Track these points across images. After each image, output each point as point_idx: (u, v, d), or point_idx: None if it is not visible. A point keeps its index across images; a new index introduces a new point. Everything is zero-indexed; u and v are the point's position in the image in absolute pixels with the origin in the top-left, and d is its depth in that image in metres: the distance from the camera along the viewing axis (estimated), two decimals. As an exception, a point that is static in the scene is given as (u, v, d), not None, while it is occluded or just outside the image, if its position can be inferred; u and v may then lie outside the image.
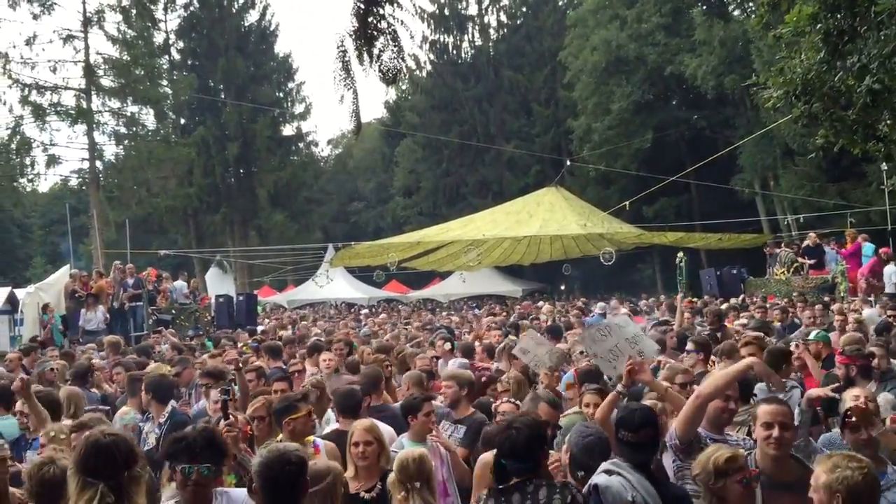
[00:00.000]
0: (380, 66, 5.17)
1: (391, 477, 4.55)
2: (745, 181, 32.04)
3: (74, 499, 3.20)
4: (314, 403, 6.18)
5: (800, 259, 19.91)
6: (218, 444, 3.68)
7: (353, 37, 5.13)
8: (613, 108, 35.00)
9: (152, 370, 7.96)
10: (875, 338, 8.14)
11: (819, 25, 7.64)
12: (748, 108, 30.54)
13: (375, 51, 5.13)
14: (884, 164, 17.53)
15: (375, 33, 5.08)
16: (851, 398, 4.82)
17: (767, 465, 4.01)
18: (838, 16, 7.41)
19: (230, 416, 4.84)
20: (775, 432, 3.93)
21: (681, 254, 25.04)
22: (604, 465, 3.97)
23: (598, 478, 3.88)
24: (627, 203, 25.94)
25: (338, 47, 5.17)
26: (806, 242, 20.55)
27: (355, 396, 6.07)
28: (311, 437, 5.47)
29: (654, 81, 36.06)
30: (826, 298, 16.13)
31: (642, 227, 29.31)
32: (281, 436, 5.28)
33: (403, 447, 5.15)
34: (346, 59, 5.14)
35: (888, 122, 7.51)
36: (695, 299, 18.27)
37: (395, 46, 5.15)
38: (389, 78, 5.25)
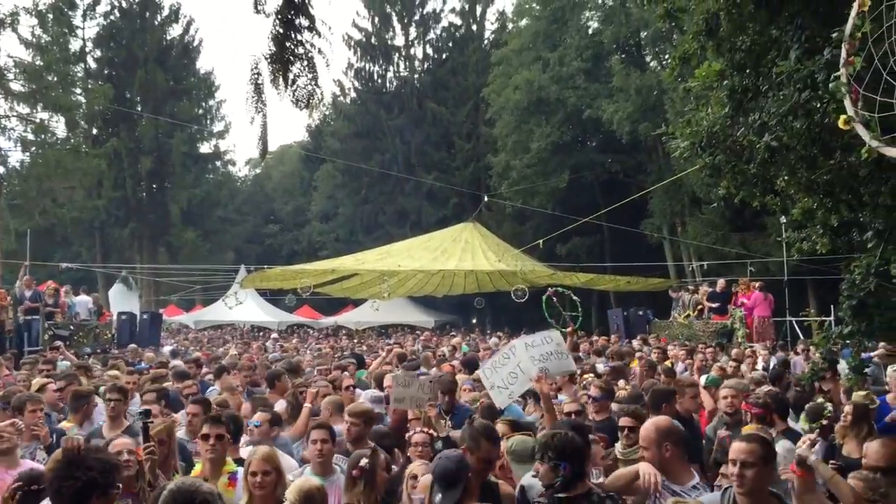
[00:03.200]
0: (294, 91, 5.17)
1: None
2: (654, 226, 32.87)
3: None
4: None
5: (705, 302, 20.48)
6: None
7: (269, 60, 5.12)
8: (532, 146, 35.53)
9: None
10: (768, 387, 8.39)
11: (726, 82, 7.95)
12: (660, 155, 31.45)
13: (291, 76, 5.13)
14: (782, 216, 18.30)
15: (292, 59, 5.08)
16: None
17: None
18: (744, 74, 7.75)
19: (150, 440, 4.69)
20: (736, 470, 3.89)
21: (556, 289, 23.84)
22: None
23: (525, 480, 4.42)
24: (541, 241, 26.31)
25: (252, 70, 5.16)
26: (712, 288, 21.03)
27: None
28: (232, 466, 5.19)
29: (572, 123, 36.78)
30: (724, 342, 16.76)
31: (555, 266, 29.65)
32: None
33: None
34: (260, 82, 5.13)
35: (785, 177, 7.84)
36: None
37: (310, 73, 5.16)
38: (302, 103, 5.25)
